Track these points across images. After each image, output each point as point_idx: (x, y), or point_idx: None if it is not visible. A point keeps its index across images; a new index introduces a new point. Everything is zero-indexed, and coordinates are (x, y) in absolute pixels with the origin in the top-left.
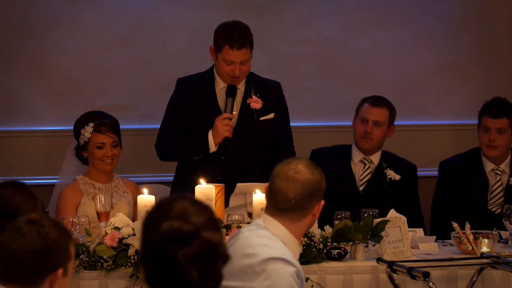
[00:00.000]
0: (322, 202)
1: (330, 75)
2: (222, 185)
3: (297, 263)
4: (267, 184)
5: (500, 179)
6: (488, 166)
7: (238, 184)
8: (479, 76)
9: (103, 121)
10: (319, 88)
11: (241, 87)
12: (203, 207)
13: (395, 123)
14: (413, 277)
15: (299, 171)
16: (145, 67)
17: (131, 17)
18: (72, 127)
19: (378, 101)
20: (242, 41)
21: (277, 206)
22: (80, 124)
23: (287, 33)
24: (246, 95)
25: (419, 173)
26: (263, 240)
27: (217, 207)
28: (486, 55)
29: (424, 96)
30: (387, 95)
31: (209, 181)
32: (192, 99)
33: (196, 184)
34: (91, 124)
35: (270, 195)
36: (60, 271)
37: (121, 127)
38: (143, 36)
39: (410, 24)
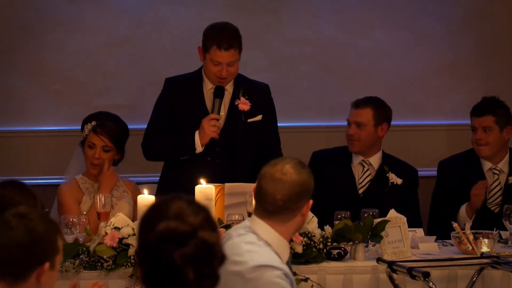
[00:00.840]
0: (311, 201)
1: (330, 75)
2: (222, 185)
3: (285, 267)
4: (254, 185)
5: (498, 178)
6: (486, 165)
7: (226, 184)
8: (479, 76)
9: (104, 123)
10: (318, 88)
11: (229, 89)
12: (199, 207)
13: (395, 122)
14: (413, 277)
15: (285, 172)
16: (145, 67)
17: (131, 17)
18: (72, 127)
19: (360, 102)
20: (230, 42)
21: (265, 208)
22: (87, 119)
23: (286, 33)
24: (234, 96)
25: (419, 173)
26: (251, 247)
27: (217, 207)
28: (486, 55)
29: (424, 96)
30: (387, 95)
31: (196, 181)
32: (180, 99)
33: (182, 184)
34: (93, 123)
35: (258, 197)
36: (46, 264)
37: None
38: (143, 36)
39: (410, 24)
